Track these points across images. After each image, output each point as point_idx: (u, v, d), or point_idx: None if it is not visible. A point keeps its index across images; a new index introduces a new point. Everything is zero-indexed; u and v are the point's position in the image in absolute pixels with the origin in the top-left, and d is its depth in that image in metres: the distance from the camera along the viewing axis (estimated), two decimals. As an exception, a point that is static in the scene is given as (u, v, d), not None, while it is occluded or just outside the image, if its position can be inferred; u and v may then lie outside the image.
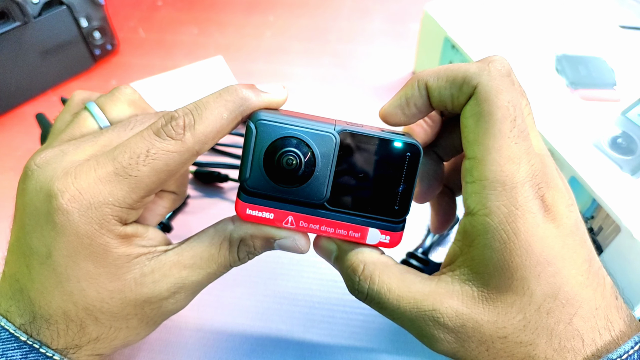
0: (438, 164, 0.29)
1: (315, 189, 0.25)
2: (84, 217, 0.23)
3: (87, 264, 0.24)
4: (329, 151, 0.24)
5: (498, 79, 0.23)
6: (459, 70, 0.24)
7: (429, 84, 0.25)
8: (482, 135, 0.23)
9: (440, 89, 0.25)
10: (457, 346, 0.24)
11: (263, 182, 0.25)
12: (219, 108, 0.24)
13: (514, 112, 0.23)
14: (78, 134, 0.27)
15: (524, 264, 0.22)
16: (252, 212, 0.25)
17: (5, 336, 0.24)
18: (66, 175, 0.24)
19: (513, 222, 0.22)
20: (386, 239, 0.26)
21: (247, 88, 0.25)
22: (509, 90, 0.23)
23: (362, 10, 0.64)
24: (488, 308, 0.23)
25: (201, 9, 0.65)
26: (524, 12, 0.47)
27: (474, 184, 0.23)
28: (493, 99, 0.23)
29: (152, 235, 0.26)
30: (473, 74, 0.24)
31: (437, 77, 0.25)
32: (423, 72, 0.26)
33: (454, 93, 0.24)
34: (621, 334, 0.23)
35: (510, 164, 0.22)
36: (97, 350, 0.26)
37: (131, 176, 0.24)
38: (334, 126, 0.25)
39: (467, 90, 0.24)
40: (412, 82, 0.26)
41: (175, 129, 0.24)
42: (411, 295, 0.24)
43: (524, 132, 0.23)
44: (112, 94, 0.29)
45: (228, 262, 0.27)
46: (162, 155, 0.24)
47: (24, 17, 0.49)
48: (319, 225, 0.25)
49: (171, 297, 0.26)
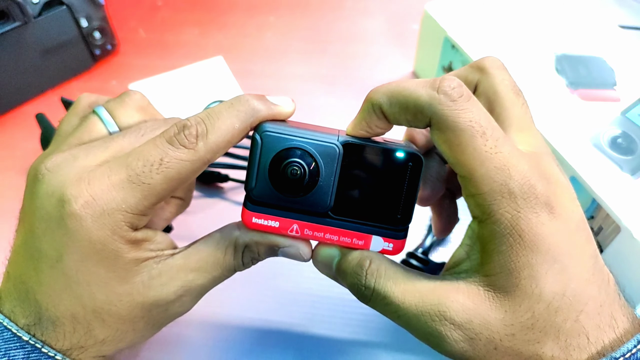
0: (441, 166, 0.29)
1: (319, 198, 0.25)
2: (97, 223, 0.24)
3: (98, 269, 0.24)
4: (332, 162, 0.25)
5: (450, 105, 0.23)
6: (409, 97, 0.23)
7: (383, 109, 0.25)
8: (460, 157, 0.23)
9: (395, 114, 0.24)
10: (465, 345, 0.23)
11: (268, 192, 0.25)
12: (231, 118, 0.24)
13: (480, 127, 0.22)
14: (87, 139, 0.28)
15: (530, 262, 0.22)
16: (258, 221, 0.26)
17: (8, 336, 0.24)
18: (79, 181, 0.24)
19: (517, 224, 0.22)
20: (389, 247, 0.26)
21: (258, 99, 0.25)
22: (467, 109, 0.23)
23: (362, 11, 0.64)
24: (495, 305, 0.23)
25: (202, 10, 0.65)
26: (524, 12, 0.47)
27: (474, 198, 0.23)
28: (453, 126, 0.23)
29: (160, 240, 0.27)
30: (424, 103, 0.23)
31: (389, 102, 0.24)
32: (376, 93, 0.25)
33: (409, 119, 0.24)
34: (625, 332, 0.23)
35: (500, 173, 0.22)
36: (102, 351, 0.26)
37: (144, 184, 0.24)
38: (337, 137, 0.25)
39: (423, 119, 0.24)
40: (367, 107, 0.25)
41: (189, 137, 0.24)
42: (416, 289, 0.24)
43: (501, 139, 0.23)
44: (121, 99, 0.29)
45: (233, 267, 0.27)
46: (175, 164, 0.24)
47: (24, 17, 0.49)
48: (324, 233, 0.26)
49: (177, 300, 0.26)
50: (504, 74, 0.26)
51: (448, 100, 0.23)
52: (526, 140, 0.25)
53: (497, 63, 0.27)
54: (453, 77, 0.24)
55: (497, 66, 0.27)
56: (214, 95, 0.52)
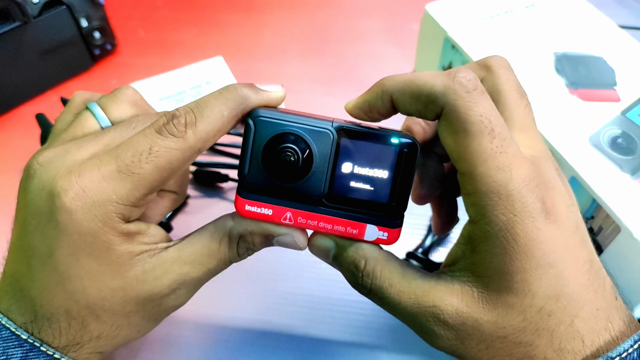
0: (438, 166, 0.29)
1: (313, 184, 0.25)
2: (88, 215, 0.23)
3: (90, 262, 0.24)
4: (326, 147, 0.25)
5: (464, 96, 0.23)
6: (424, 86, 0.24)
7: (394, 97, 0.25)
8: (463, 152, 0.23)
9: (405, 104, 0.25)
10: (457, 343, 0.24)
11: (262, 178, 0.25)
12: (219, 106, 0.25)
13: (490, 123, 0.22)
14: (80, 134, 0.28)
15: (524, 267, 0.22)
16: (251, 208, 0.25)
17: (6, 335, 0.24)
18: (69, 174, 0.24)
19: (512, 228, 0.22)
20: (384, 236, 0.26)
21: (247, 87, 0.25)
22: (480, 103, 0.23)
23: (361, 10, 0.64)
24: (488, 308, 0.23)
25: (201, 9, 0.65)
26: (524, 12, 0.47)
27: (470, 196, 0.23)
28: (464, 117, 0.23)
29: (154, 233, 0.26)
30: (438, 92, 0.23)
31: (401, 91, 0.24)
32: (389, 80, 0.25)
33: (420, 109, 0.24)
34: (621, 334, 0.23)
35: (501, 173, 0.22)
36: (98, 348, 0.26)
37: (134, 174, 0.24)
38: (331, 123, 0.25)
39: (434, 109, 0.24)
40: (377, 91, 0.25)
41: (177, 126, 0.24)
42: (411, 290, 0.24)
43: (506, 140, 0.23)
44: (113, 95, 0.30)
45: (228, 258, 0.27)
46: (165, 153, 0.24)
47: (24, 17, 0.49)
48: (317, 222, 0.26)
49: (172, 293, 0.26)
50: (509, 74, 0.26)
51: (463, 91, 0.23)
52: (527, 143, 0.25)
53: (504, 63, 0.27)
54: (468, 69, 0.24)
55: (503, 66, 0.26)
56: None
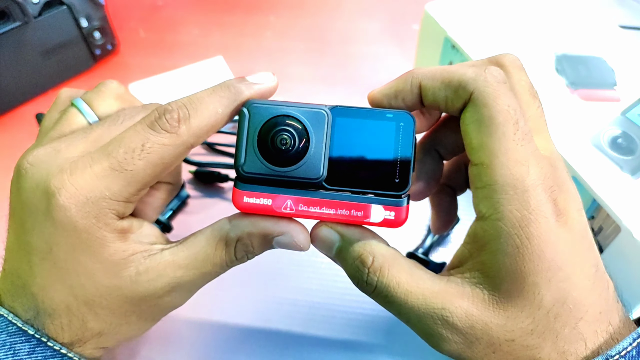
0: (437, 163, 0.29)
1: (311, 167, 0.24)
2: (82, 212, 0.24)
3: (86, 259, 0.24)
4: (322, 128, 0.24)
5: (495, 85, 0.23)
6: (455, 73, 0.24)
7: (423, 83, 0.25)
8: (486, 140, 0.23)
9: (435, 89, 0.25)
10: (464, 347, 0.23)
11: (259, 165, 0.24)
12: (213, 103, 0.25)
13: (515, 115, 0.23)
14: (67, 131, 0.28)
15: (536, 269, 0.22)
16: (249, 200, 0.25)
17: (13, 330, 0.24)
18: (62, 172, 0.24)
19: (526, 226, 0.22)
20: (391, 215, 0.25)
21: (239, 82, 0.25)
22: (507, 95, 0.23)
23: (362, 11, 0.64)
24: (498, 312, 0.23)
25: (201, 9, 0.65)
26: (524, 12, 0.47)
27: (483, 189, 0.23)
28: (492, 104, 0.23)
29: (148, 231, 0.26)
30: (469, 79, 0.23)
31: (432, 77, 0.25)
32: (419, 69, 0.25)
33: (449, 95, 0.24)
34: (620, 337, 0.23)
35: (519, 167, 0.22)
36: (101, 344, 0.26)
37: (127, 170, 0.24)
38: (325, 106, 0.25)
39: (463, 95, 0.24)
40: (406, 78, 0.26)
41: (170, 122, 0.24)
42: (420, 291, 0.24)
43: (528, 135, 0.23)
44: (98, 89, 0.30)
45: (224, 263, 0.26)
46: (157, 149, 0.24)
47: (24, 17, 0.49)
48: (319, 207, 0.25)
49: (167, 295, 0.26)
50: (521, 74, 0.26)
51: (494, 81, 0.23)
52: (540, 144, 0.24)
53: (517, 62, 0.27)
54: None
55: (516, 65, 0.26)
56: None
